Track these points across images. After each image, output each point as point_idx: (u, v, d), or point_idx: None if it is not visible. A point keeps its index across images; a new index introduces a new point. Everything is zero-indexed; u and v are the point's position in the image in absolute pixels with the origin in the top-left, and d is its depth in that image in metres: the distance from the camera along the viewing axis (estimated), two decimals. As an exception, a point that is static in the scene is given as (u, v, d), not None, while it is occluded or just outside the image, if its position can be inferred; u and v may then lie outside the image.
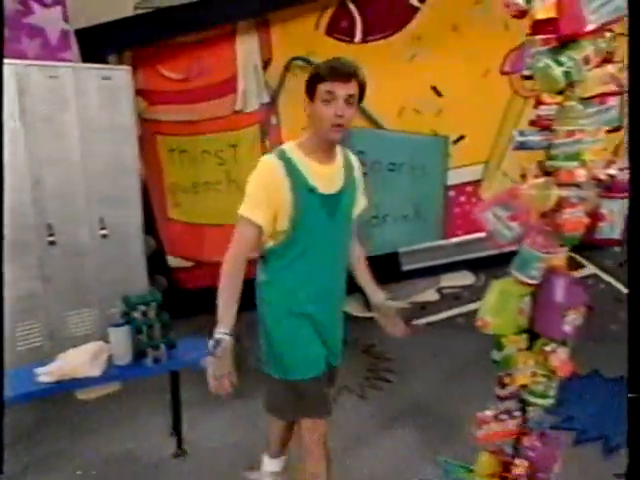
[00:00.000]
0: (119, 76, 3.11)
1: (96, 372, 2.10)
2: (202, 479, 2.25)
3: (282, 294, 1.68)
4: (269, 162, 1.59)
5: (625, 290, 3.49)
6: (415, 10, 3.52)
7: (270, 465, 2.04)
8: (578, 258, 3.52)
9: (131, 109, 3.23)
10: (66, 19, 3.52)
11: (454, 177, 3.59)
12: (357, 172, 1.77)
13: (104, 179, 3.11)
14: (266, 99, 3.95)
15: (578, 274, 3.47)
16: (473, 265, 3.65)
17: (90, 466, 2.33)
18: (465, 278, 3.72)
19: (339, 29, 3.72)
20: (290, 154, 1.60)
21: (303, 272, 1.64)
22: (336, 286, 1.76)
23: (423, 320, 3.77)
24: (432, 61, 3.45)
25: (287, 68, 3.84)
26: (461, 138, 3.54)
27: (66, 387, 2.12)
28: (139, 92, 4.02)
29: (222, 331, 1.52)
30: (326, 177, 1.63)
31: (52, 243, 2.93)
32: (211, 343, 1.52)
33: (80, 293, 3.06)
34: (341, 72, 1.52)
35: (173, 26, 3.75)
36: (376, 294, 1.83)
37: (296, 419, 1.84)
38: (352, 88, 1.53)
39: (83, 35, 3.57)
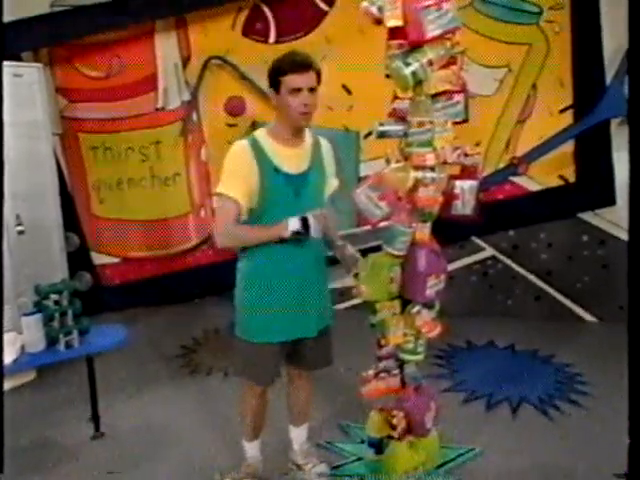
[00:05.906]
0: (30, 73, 3.14)
1: (8, 359, 2.16)
2: (120, 458, 2.36)
3: (253, 265, 1.85)
4: (239, 145, 1.79)
5: (519, 269, 3.88)
6: (324, 13, 3.75)
7: (249, 449, 2.09)
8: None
9: (45, 106, 3.25)
10: (-23, 15, 3.48)
11: (366, 169, 3.84)
12: (326, 154, 1.93)
13: (18, 176, 3.12)
14: (187, 96, 4.06)
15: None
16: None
17: (8, 456, 2.37)
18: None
19: (254, 30, 3.88)
20: (259, 138, 1.80)
21: (272, 246, 1.80)
22: (307, 260, 1.85)
23: (342, 305, 3.99)
24: (342, 61, 3.66)
25: (205, 66, 3.97)
26: (371, 133, 3.79)
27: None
28: (59, 90, 4.02)
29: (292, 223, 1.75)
30: (292, 158, 1.80)
31: (-35, 240, 2.92)
32: (299, 224, 1.74)
33: (-4, 290, 3.06)
34: (302, 65, 1.71)
35: (89, 24, 3.78)
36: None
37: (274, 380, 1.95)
38: (312, 78, 1.73)
39: (-4, 32, 3.53)
